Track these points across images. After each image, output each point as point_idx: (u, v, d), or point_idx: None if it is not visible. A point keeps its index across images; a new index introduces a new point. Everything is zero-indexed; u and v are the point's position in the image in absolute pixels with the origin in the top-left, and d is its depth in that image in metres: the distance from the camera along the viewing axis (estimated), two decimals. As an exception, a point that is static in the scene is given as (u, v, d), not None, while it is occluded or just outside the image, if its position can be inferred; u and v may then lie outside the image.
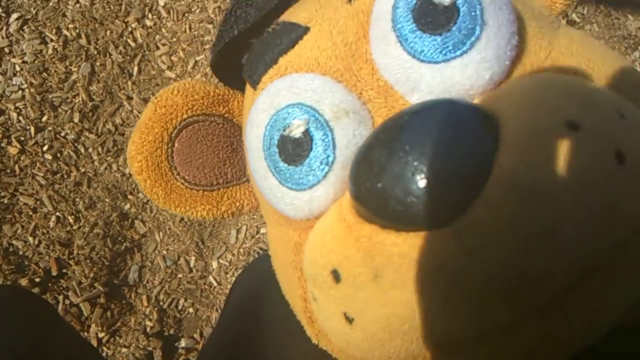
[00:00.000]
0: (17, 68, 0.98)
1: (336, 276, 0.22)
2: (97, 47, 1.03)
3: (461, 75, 0.24)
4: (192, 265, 1.00)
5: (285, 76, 0.27)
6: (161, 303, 0.97)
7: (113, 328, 0.92)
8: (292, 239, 0.28)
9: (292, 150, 0.25)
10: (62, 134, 0.97)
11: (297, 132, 0.25)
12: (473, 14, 0.24)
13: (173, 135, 0.33)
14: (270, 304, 0.47)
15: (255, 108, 0.27)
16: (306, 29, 0.27)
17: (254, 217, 1.03)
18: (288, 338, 0.42)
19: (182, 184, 0.34)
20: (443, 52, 0.24)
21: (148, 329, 0.94)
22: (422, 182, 0.19)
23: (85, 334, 0.90)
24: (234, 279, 0.90)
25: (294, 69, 0.27)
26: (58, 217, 0.94)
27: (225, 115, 0.35)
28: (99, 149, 0.99)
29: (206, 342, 0.62)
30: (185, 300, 0.99)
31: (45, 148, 0.96)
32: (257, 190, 0.30)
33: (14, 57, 0.98)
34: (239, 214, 0.36)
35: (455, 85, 0.24)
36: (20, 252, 0.91)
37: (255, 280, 0.56)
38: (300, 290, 0.28)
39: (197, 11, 1.12)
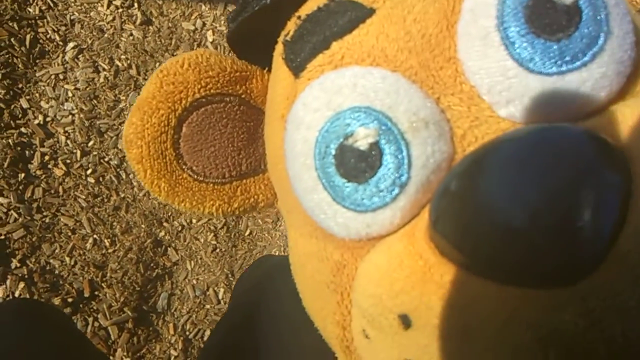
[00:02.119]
0: (70, 94, 1.02)
1: (406, 321, 0.19)
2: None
3: (575, 92, 0.20)
4: (220, 296, 1.00)
5: (343, 68, 0.22)
6: (187, 333, 0.97)
7: (138, 354, 0.93)
8: (332, 258, 0.24)
9: (355, 164, 0.21)
10: (106, 159, 1.00)
11: (363, 143, 0.21)
12: (598, 18, 0.20)
13: (182, 118, 0.28)
14: (274, 298, 0.47)
15: (303, 104, 0.23)
16: (370, 11, 0.23)
17: (285, 251, 1.03)
18: (291, 330, 0.42)
19: (190, 175, 0.29)
20: (558, 62, 0.20)
21: (172, 358, 0.94)
22: (542, 233, 0.16)
23: (111, 357, 0.90)
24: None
25: (354, 59, 0.22)
26: (95, 239, 0.96)
27: (243, 96, 0.30)
28: (140, 175, 1.02)
29: (212, 333, 0.61)
30: (211, 331, 0.99)
31: (89, 172, 0.99)
32: (283, 190, 0.26)
33: (67, 83, 1.02)
34: (251, 211, 0.32)
35: (566, 103, 0.20)
36: (57, 272, 0.93)
37: (259, 276, 0.55)
38: (338, 316, 0.24)
39: (243, 48, 1.15)
